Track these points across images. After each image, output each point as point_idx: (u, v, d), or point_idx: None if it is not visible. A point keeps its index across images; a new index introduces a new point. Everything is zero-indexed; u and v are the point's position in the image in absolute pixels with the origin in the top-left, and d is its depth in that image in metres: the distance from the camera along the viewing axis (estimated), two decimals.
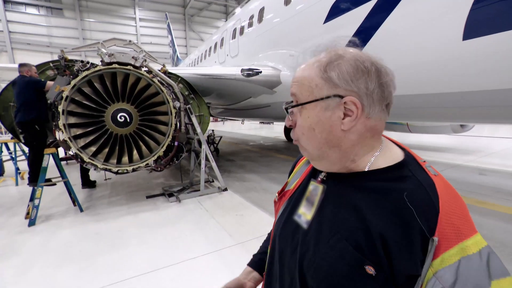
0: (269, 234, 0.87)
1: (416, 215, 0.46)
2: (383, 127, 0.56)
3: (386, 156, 0.56)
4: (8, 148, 5.85)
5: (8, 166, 6.11)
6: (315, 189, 0.62)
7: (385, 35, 2.77)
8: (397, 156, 0.56)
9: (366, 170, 0.55)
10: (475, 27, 2.11)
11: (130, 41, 3.99)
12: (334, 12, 3.37)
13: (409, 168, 0.52)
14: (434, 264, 0.44)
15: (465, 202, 0.51)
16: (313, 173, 0.67)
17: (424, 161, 0.55)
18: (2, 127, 4.29)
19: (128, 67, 3.49)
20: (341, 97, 0.52)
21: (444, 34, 2.35)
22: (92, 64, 3.50)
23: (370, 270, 0.46)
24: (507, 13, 1.94)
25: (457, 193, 0.50)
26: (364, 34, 2.95)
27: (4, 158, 5.82)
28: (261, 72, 4.77)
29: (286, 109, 0.60)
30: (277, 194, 0.76)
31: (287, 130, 10.78)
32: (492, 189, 4.06)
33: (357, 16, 3.03)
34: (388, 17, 2.73)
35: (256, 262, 0.85)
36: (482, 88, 2.33)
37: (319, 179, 0.62)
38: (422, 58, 2.58)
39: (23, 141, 3.92)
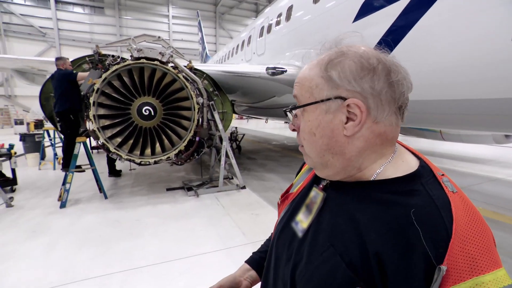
0: (267, 239, 0.85)
1: (422, 236, 0.39)
2: (395, 133, 0.50)
3: (397, 166, 0.49)
4: (49, 135, 6.38)
5: (49, 151, 6.67)
6: (316, 196, 0.57)
7: (421, 34, 2.56)
8: (410, 166, 0.49)
9: (372, 179, 0.49)
10: None
11: (159, 37, 4.12)
12: (365, 11, 3.20)
13: (422, 181, 0.46)
14: None
15: (491, 230, 0.42)
16: (316, 178, 0.63)
17: (443, 174, 0.48)
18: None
19: (155, 62, 3.61)
20: (344, 99, 0.46)
21: (490, 32, 2.11)
22: (122, 58, 3.67)
23: None
24: None
25: (480, 217, 0.43)
26: (396, 33, 2.75)
27: (45, 144, 6.35)
28: (286, 71, 4.68)
29: (285, 111, 0.56)
30: (280, 197, 0.73)
31: None
32: None
33: (389, 14, 2.83)
34: (425, 14, 2.52)
35: (255, 260, 0.82)
36: None
37: (321, 186, 0.58)
38: (463, 59, 2.34)
39: (59, 129, 4.25)
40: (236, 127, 8.95)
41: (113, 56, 3.69)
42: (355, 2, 3.32)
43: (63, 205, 3.44)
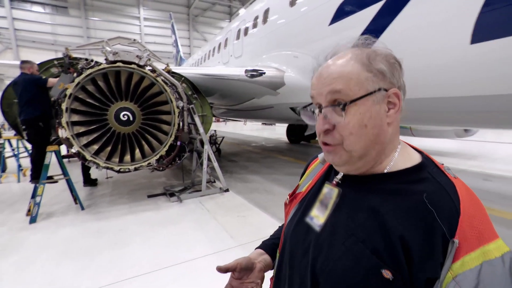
0: (279, 227, 0.85)
1: (437, 216, 0.45)
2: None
3: (404, 159, 0.55)
4: (11, 145, 5.87)
5: (10, 163, 6.13)
6: (330, 192, 0.60)
7: (391, 37, 2.75)
8: (415, 158, 0.56)
9: (385, 171, 0.54)
10: (484, 30, 2.09)
11: (134, 40, 3.99)
12: (340, 14, 3.36)
13: (428, 170, 0.52)
14: (454, 267, 0.43)
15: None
16: (327, 176, 0.65)
17: (442, 164, 0.55)
18: (6, 123, 4.30)
19: (132, 65, 3.49)
20: (386, 90, 0.52)
21: (451, 37, 2.32)
22: (96, 62, 3.50)
23: (387, 274, 0.45)
24: None
25: (477, 197, 0.50)
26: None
27: (6, 155, 5.83)
28: (265, 73, 4.76)
29: (337, 106, 0.52)
30: (288, 197, 0.74)
31: (290, 132, 10.74)
32: (498, 195, 4.01)
33: (363, 18, 3.01)
34: (395, 19, 2.71)
35: (268, 246, 0.80)
36: (490, 93, 2.30)
37: (335, 182, 0.60)
38: (428, 61, 2.55)
39: (26, 138, 3.93)
40: (215, 130, 8.87)
41: (86, 59, 3.51)
42: (331, 6, 3.47)
43: (33, 220, 3.18)
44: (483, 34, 2.09)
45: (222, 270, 0.69)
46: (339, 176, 0.60)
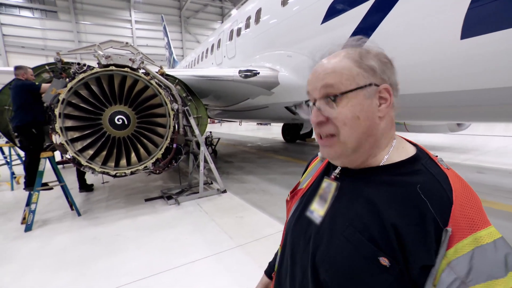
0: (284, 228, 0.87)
1: (430, 206, 0.46)
2: (394, 118, 0.59)
3: (399, 152, 0.57)
4: (3, 153, 5.77)
5: (3, 171, 6.02)
6: (328, 186, 0.62)
7: (383, 34, 2.78)
8: (410, 151, 0.57)
9: (381, 164, 0.56)
10: (473, 26, 2.12)
11: (127, 43, 3.96)
12: (332, 13, 3.38)
13: (422, 162, 0.54)
14: (448, 254, 0.44)
15: (478, 196, 0.51)
16: (326, 171, 0.67)
17: (436, 156, 0.57)
18: None
19: (125, 69, 3.46)
20: (377, 85, 0.54)
21: (442, 33, 2.36)
22: (89, 66, 3.47)
23: (384, 261, 0.47)
24: (504, 13, 1.95)
25: (470, 186, 0.51)
26: (362, 34, 2.95)
27: None
28: (259, 73, 4.76)
29: (329, 98, 0.56)
30: (289, 193, 0.76)
31: (285, 131, 10.76)
32: (491, 187, 4.08)
33: (355, 16, 3.04)
34: (386, 17, 2.74)
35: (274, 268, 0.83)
36: (480, 87, 2.34)
37: (333, 176, 0.62)
38: (420, 57, 2.58)
39: (18, 145, 3.87)
40: (210, 132, 8.85)
41: (78, 63, 3.47)
42: (322, 5, 3.50)
43: (28, 228, 3.14)
44: (472, 29, 2.13)
45: None
46: (337, 171, 0.62)
